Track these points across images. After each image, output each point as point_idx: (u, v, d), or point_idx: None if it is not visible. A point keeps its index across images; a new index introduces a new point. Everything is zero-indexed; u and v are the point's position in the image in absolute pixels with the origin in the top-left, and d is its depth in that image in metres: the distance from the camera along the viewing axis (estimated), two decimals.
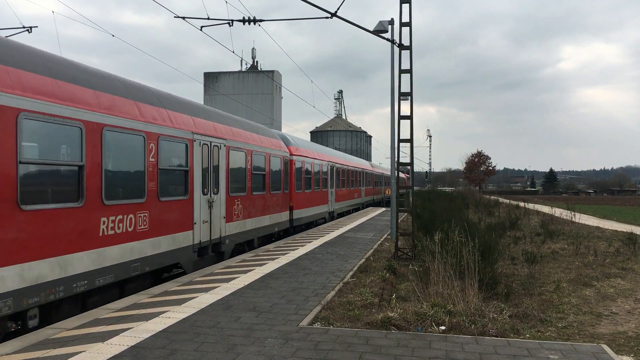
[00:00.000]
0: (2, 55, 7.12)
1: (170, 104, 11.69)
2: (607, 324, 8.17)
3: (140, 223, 9.78)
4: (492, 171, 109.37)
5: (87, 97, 8.49)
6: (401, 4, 13.63)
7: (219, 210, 13.23)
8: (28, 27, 21.23)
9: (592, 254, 14.99)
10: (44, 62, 8.01)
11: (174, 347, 6.10)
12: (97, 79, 9.23)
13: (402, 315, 7.51)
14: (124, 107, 9.48)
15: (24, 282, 6.95)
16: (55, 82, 7.92)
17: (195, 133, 12.06)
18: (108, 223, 8.83)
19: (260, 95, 63.53)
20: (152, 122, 10.23)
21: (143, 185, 9.88)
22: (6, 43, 7.58)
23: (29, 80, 7.36)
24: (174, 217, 10.96)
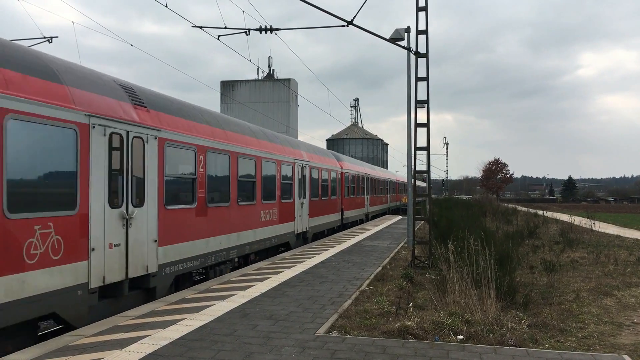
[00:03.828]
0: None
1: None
2: (628, 334, 8.03)
3: (273, 215, 15.95)
4: (509, 179, 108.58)
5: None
6: (417, 12, 13.63)
7: (306, 209, 19.51)
8: (49, 37, 21.58)
9: (612, 263, 14.77)
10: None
11: (191, 354, 6.12)
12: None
13: (420, 324, 7.46)
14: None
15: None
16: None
17: (297, 159, 18.47)
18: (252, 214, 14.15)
19: (277, 104, 63.83)
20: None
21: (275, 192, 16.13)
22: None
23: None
24: (286, 212, 17.13)
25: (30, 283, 6.90)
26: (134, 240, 9.12)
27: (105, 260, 8.35)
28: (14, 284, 6.64)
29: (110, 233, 8.53)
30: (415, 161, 14.78)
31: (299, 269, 12.43)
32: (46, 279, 7.18)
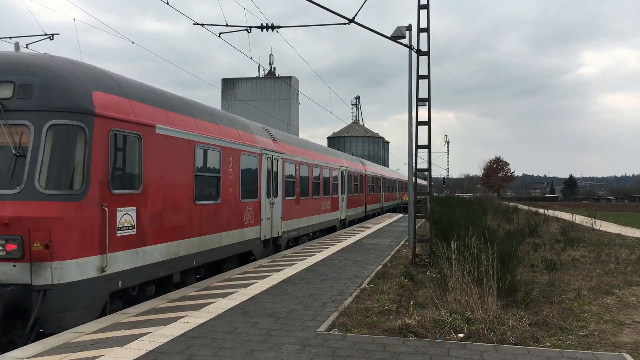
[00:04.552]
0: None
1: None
2: (629, 333, 8.03)
3: (327, 205, 21.98)
4: (510, 177, 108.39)
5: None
6: (419, 9, 13.61)
7: (345, 203, 25.53)
8: (50, 34, 21.58)
9: (613, 262, 14.77)
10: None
11: (192, 352, 6.13)
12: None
13: (420, 322, 7.46)
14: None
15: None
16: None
17: (340, 166, 24.91)
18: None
19: (278, 101, 63.79)
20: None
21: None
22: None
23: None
24: (334, 204, 22.71)
25: (245, 234, 13.30)
26: (274, 216, 15.55)
27: (265, 226, 14.71)
28: (239, 234, 12.91)
29: (266, 212, 14.85)
30: (416, 159, 14.77)
31: (300, 267, 12.43)
32: (249, 233, 13.60)
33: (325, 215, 21.80)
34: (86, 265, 7.62)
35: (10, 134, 7.32)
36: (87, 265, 7.63)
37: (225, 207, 12.16)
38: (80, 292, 7.51)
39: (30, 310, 6.98)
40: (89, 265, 7.67)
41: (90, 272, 7.69)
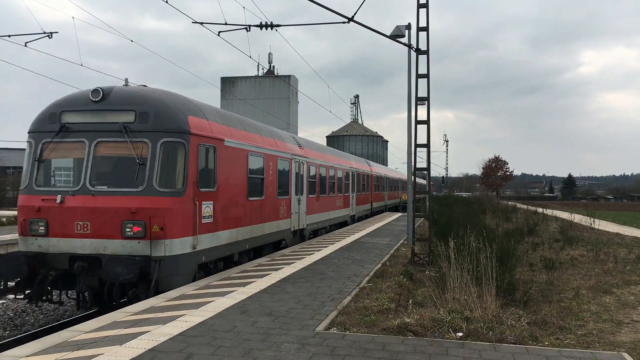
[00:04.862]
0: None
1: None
2: (627, 332, 8.04)
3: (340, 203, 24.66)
4: (509, 176, 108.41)
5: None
6: (418, 8, 13.60)
7: (354, 200, 28.02)
8: (49, 32, 21.56)
9: (612, 261, 14.78)
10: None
11: (190, 350, 6.12)
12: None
13: (419, 321, 7.46)
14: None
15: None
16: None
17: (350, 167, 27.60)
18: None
19: (277, 100, 63.74)
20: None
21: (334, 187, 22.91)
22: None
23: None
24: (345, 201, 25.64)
25: (280, 225, 15.79)
26: (300, 211, 18.02)
27: (294, 219, 17.24)
28: (276, 225, 15.37)
29: (295, 207, 17.33)
30: (415, 158, 14.77)
31: (299, 266, 12.43)
32: (283, 224, 16.02)
33: (339, 211, 24.47)
34: (185, 243, 10.18)
35: (134, 148, 9.91)
36: (185, 243, 10.19)
37: (267, 203, 14.73)
38: (181, 262, 10.06)
39: (150, 274, 9.48)
40: (187, 243, 10.23)
41: (188, 248, 10.25)
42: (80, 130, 10.24)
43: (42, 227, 9.97)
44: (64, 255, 9.86)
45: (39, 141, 10.46)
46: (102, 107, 10.23)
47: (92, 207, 9.80)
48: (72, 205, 9.88)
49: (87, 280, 9.74)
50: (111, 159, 10.23)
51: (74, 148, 10.28)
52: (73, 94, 10.91)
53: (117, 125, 10.04)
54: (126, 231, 9.67)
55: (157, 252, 9.63)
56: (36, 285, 9.88)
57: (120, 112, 10.17)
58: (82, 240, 9.81)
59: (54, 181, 10.44)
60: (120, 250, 9.66)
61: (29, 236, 10.08)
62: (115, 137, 10.07)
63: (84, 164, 10.06)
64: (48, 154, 10.40)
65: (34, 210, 10.05)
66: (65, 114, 10.41)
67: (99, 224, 9.75)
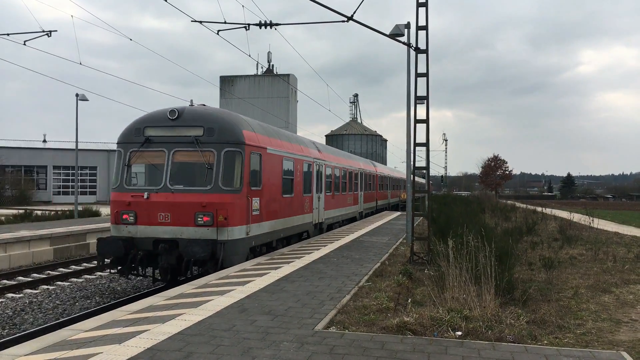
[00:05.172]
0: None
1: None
2: (626, 331, 8.04)
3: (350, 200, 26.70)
4: (508, 175, 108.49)
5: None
6: (418, 7, 13.59)
7: (362, 198, 30.27)
8: (47, 31, 21.53)
9: (611, 260, 14.79)
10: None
11: (189, 349, 6.12)
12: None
13: (418, 320, 7.46)
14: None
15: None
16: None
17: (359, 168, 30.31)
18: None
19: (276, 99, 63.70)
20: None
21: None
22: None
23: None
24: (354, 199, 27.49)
25: (305, 218, 18.02)
26: (320, 207, 20.33)
27: (315, 214, 19.41)
28: (302, 218, 17.62)
29: (316, 203, 19.57)
30: (414, 157, 14.77)
31: (298, 265, 12.43)
32: (307, 218, 18.26)
33: (350, 207, 26.96)
34: (242, 230, 12.69)
35: (203, 156, 12.47)
36: (242, 230, 12.69)
37: (296, 199, 17.16)
38: (239, 245, 12.59)
39: (217, 254, 11.91)
40: (242, 230, 12.71)
41: (243, 234, 12.74)
42: (160, 142, 12.81)
43: (131, 217, 12.58)
44: (149, 239, 12.45)
45: (127, 150, 13.01)
46: (177, 124, 12.78)
47: (172, 201, 12.37)
48: (155, 200, 12.47)
49: (167, 258, 12.19)
50: (185, 164, 12.78)
51: (155, 156, 12.84)
52: (153, 112, 13.49)
53: (190, 138, 12.60)
54: (198, 220, 12.19)
55: (222, 236, 12.17)
56: (128, 262, 12.38)
57: (192, 127, 12.69)
58: (163, 227, 12.42)
59: (141, 182, 13.09)
60: (193, 235, 12.18)
61: (120, 224, 12.68)
62: (188, 147, 12.62)
63: (164, 168, 12.64)
64: (135, 160, 13.00)
65: (125, 204, 12.66)
66: (148, 129, 12.98)
67: (177, 214, 12.31)
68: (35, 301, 13.20)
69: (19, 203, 48.38)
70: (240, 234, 12.56)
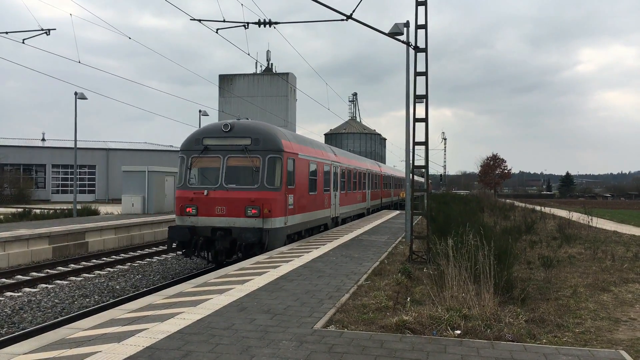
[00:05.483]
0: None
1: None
2: (625, 330, 8.05)
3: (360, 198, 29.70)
4: (507, 174, 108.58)
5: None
6: (417, 6, 13.58)
7: (369, 196, 32.64)
8: (46, 29, 21.50)
9: (609, 259, 14.81)
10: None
11: (188, 348, 6.12)
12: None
13: (417, 318, 7.46)
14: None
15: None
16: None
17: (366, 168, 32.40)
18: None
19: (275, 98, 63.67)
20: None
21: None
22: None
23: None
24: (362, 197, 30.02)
25: (325, 213, 20.59)
26: (336, 203, 22.75)
27: (332, 209, 21.85)
28: (322, 212, 20.14)
29: (333, 200, 21.94)
30: (413, 156, 14.76)
31: (297, 264, 12.42)
32: (326, 212, 20.89)
33: (359, 204, 29.54)
34: (281, 220, 15.43)
35: (251, 161, 15.13)
36: (281, 221, 15.43)
37: (318, 196, 19.73)
38: (280, 233, 15.38)
39: (263, 239, 14.53)
40: (282, 221, 15.47)
41: (282, 224, 15.51)
42: (216, 150, 15.45)
43: (194, 210, 15.18)
44: (208, 228, 15.07)
45: (189, 156, 15.67)
46: (229, 135, 15.43)
47: (227, 197, 15.05)
48: (213, 196, 15.13)
49: (223, 243, 14.85)
50: (237, 167, 15.30)
51: (212, 161, 15.46)
52: (208, 126, 16.42)
53: (240, 147, 15.24)
54: (248, 212, 14.86)
55: (266, 225, 14.78)
56: (191, 246, 15.03)
57: (242, 138, 15.35)
58: (219, 218, 15.07)
59: (201, 181, 15.58)
60: (244, 224, 14.81)
61: (184, 216, 15.32)
62: (239, 154, 15.25)
63: (220, 171, 15.26)
64: (195, 164, 15.64)
65: (188, 199, 15.29)
66: (206, 139, 15.65)
67: (230, 208, 14.97)
68: (34, 300, 13.20)
69: (18, 202, 48.36)
70: (280, 223, 15.32)
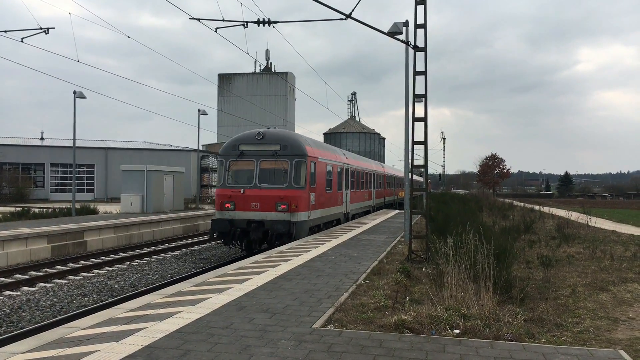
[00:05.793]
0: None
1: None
2: (624, 329, 8.06)
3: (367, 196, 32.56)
4: (506, 174, 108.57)
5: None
6: (416, 5, 13.57)
7: (374, 195, 35.17)
8: (45, 28, 21.47)
9: (608, 259, 14.81)
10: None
11: (187, 347, 6.11)
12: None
13: (416, 318, 7.46)
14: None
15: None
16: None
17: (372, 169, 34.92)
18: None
19: (274, 97, 63.66)
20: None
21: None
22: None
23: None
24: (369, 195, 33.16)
25: (338, 209, 23.46)
26: (347, 201, 25.01)
27: (343, 206, 24.25)
28: (336, 209, 23.00)
29: (344, 198, 24.46)
30: (412, 155, 14.75)
31: (296, 263, 12.42)
32: (340, 209, 23.67)
33: (366, 202, 32.08)
34: (305, 214, 18.03)
35: (280, 164, 17.79)
36: (306, 215, 18.04)
37: (333, 195, 22.32)
38: (304, 225, 18.01)
39: (291, 230, 17.20)
40: (306, 215, 18.06)
41: (306, 217, 18.13)
42: (250, 154, 18.12)
43: (232, 205, 17.89)
44: (244, 220, 17.71)
45: (227, 160, 18.38)
46: (262, 142, 18.11)
47: (260, 195, 17.67)
48: (249, 194, 17.78)
49: (256, 233, 17.49)
50: (268, 169, 17.91)
51: (247, 164, 18.13)
52: (243, 134, 19.02)
53: (271, 152, 17.93)
54: (278, 207, 17.45)
55: (294, 219, 17.42)
56: (230, 236, 17.72)
57: (272, 144, 18.02)
58: (254, 212, 17.72)
59: (238, 181, 18.22)
60: (275, 218, 17.43)
61: (224, 210, 18.00)
62: (270, 158, 17.92)
63: (254, 172, 17.92)
64: (233, 167, 18.36)
65: (227, 196, 17.98)
66: (241, 145, 18.37)
67: (263, 203, 17.59)
68: (33, 299, 13.19)
69: (17, 201, 48.31)
70: (305, 217, 17.95)
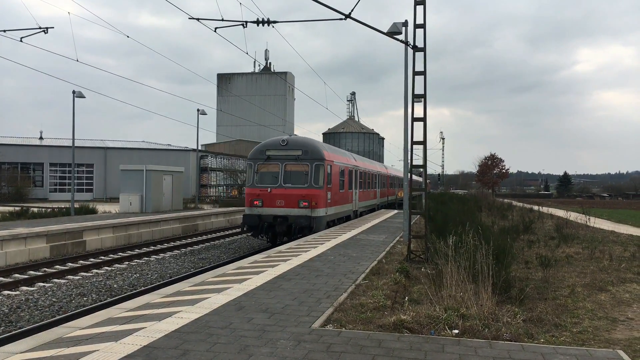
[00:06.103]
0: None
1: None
2: (622, 330, 8.06)
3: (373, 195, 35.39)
4: (505, 174, 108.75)
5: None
6: (415, 5, 13.57)
7: (378, 194, 37.24)
8: (44, 28, 21.46)
9: (607, 259, 14.82)
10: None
11: (186, 347, 6.11)
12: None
13: (415, 318, 7.46)
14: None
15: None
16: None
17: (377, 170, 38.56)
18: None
19: (273, 97, 63.67)
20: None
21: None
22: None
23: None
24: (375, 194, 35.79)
25: (349, 206, 25.98)
26: (356, 199, 27.74)
27: (353, 204, 26.93)
28: (348, 206, 25.73)
29: (354, 197, 27.20)
30: (411, 155, 14.76)
31: (295, 263, 12.42)
32: (350, 206, 26.39)
33: (371, 200, 34.36)
34: (324, 211, 20.46)
35: (302, 167, 20.25)
36: (324, 211, 20.51)
37: (345, 194, 24.53)
38: (323, 220, 20.49)
39: (311, 224, 19.75)
40: (324, 211, 20.53)
41: (324, 213, 20.54)
42: (276, 158, 20.57)
43: (260, 203, 20.25)
44: (270, 216, 20.09)
45: (255, 163, 20.85)
46: (286, 147, 20.65)
47: (285, 193, 20.14)
48: (275, 192, 20.19)
49: (281, 227, 19.90)
50: (292, 172, 20.36)
51: (274, 166, 20.53)
52: (269, 140, 21.66)
53: (294, 156, 20.43)
54: (300, 205, 19.91)
55: (314, 214, 19.93)
56: (258, 229, 20.16)
57: (295, 149, 20.54)
58: (279, 208, 20.10)
59: (265, 181, 20.56)
60: (297, 213, 19.86)
61: (253, 207, 20.33)
62: (293, 161, 20.39)
63: (280, 174, 20.35)
64: (261, 169, 20.81)
65: (255, 194, 20.39)
66: (268, 150, 20.87)
67: (287, 201, 20.01)
68: (32, 298, 13.18)
69: (15, 200, 48.27)
70: (323, 213, 20.50)
